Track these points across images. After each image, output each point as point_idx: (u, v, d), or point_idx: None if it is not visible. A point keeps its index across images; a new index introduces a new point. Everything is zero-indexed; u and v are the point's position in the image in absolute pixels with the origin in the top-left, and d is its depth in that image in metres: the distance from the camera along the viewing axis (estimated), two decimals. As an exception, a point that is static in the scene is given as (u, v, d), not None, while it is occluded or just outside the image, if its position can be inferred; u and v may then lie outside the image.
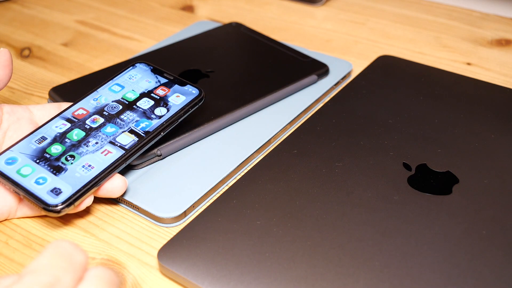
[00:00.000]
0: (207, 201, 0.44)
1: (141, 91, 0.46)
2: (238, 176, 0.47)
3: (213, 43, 0.62)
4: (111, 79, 0.47)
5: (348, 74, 0.59)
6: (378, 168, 0.44)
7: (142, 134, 0.43)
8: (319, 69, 0.57)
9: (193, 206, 0.43)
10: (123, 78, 0.47)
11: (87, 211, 0.44)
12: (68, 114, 0.44)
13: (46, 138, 0.42)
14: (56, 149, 0.42)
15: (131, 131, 0.43)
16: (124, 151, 0.42)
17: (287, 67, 0.57)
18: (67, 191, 0.39)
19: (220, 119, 0.50)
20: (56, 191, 0.39)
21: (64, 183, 0.40)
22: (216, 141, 0.49)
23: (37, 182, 0.39)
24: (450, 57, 0.63)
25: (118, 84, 0.47)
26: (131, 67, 0.48)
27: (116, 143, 0.42)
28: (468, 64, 0.62)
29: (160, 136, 0.44)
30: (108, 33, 0.69)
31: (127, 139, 0.43)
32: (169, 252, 0.38)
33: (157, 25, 0.71)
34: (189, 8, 0.75)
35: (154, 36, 0.68)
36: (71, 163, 0.41)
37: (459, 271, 0.36)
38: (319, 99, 0.55)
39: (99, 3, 0.77)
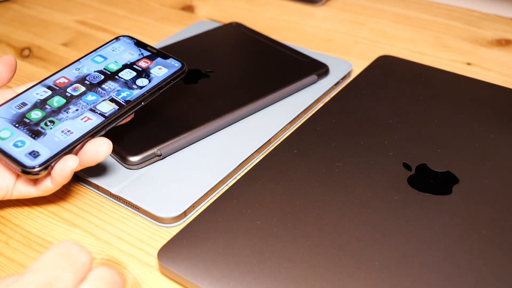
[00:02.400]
0: (207, 201, 0.44)
1: (123, 62, 0.46)
2: (238, 176, 0.47)
3: (213, 43, 0.62)
4: (94, 50, 0.47)
5: (348, 74, 0.59)
6: (378, 168, 0.44)
7: (123, 103, 0.43)
8: (319, 69, 0.57)
9: (193, 206, 0.43)
10: (106, 50, 0.47)
11: (87, 211, 0.44)
12: (49, 82, 0.44)
13: (27, 104, 0.42)
14: (36, 114, 0.42)
15: (112, 100, 0.43)
16: (104, 118, 0.42)
17: (287, 67, 0.57)
18: (45, 154, 0.39)
19: (220, 119, 0.50)
20: (34, 154, 0.39)
21: (43, 146, 0.40)
22: (216, 141, 0.49)
23: (15, 145, 0.40)
24: (450, 57, 0.63)
25: (101, 56, 0.47)
26: (114, 40, 0.48)
27: (97, 111, 0.42)
28: (468, 64, 0.62)
29: (140, 106, 0.44)
30: (108, 33, 0.69)
31: (108, 107, 0.43)
32: (169, 252, 0.38)
33: (157, 25, 0.71)
34: (189, 8, 0.75)
35: (154, 36, 0.68)
36: (50, 128, 0.41)
37: (459, 271, 0.36)
38: (319, 99, 0.55)
39: (99, 3, 0.77)
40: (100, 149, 0.40)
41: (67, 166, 0.39)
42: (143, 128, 0.48)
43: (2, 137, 0.40)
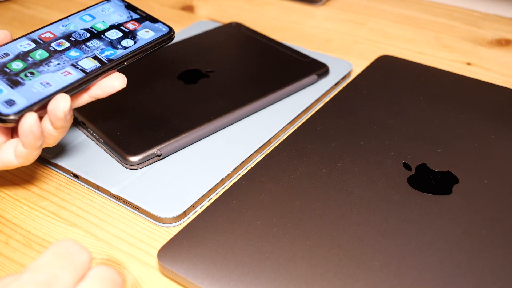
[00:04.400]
0: (207, 201, 0.44)
1: (111, 23, 0.46)
2: (238, 176, 0.47)
3: (213, 43, 0.62)
4: (84, 9, 0.47)
5: (348, 74, 0.59)
6: (378, 168, 0.44)
7: (105, 61, 0.43)
8: (319, 69, 0.57)
9: (193, 206, 0.43)
10: (96, 9, 0.47)
11: (87, 211, 0.44)
12: (34, 35, 0.44)
13: (9, 55, 0.42)
14: (17, 65, 0.42)
15: (95, 57, 0.43)
16: (85, 74, 0.42)
17: (287, 67, 0.57)
18: (21, 103, 0.39)
19: (220, 119, 0.50)
20: (10, 102, 0.39)
21: (20, 96, 0.40)
22: (216, 141, 0.49)
23: None
24: (450, 57, 0.63)
25: (89, 15, 0.47)
26: (105, 1, 0.48)
27: (78, 66, 0.42)
28: (468, 64, 0.62)
29: (123, 66, 0.44)
30: (108, 33, 0.69)
31: (89, 64, 0.43)
32: (169, 252, 0.38)
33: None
34: (189, 8, 0.75)
35: (154, 36, 0.68)
36: (30, 79, 0.41)
37: (459, 271, 0.36)
38: (319, 99, 0.55)
39: (99, 3, 0.77)
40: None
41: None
42: (143, 128, 0.48)
43: None
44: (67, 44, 0.44)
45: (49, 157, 0.47)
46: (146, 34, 0.45)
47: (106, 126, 0.48)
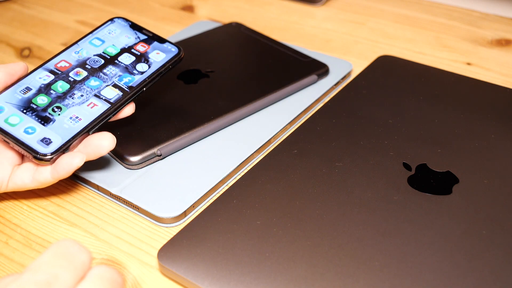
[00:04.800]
0: (207, 201, 0.44)
1: (121, 46, 0.47)
2: (238, 176, 0.47)
3: (213, 43, 0.62)
4: (90, 33, 0.47)
5: (348, 74, 0.59)
6: (378, 168, 0.44)
7: (126, 89, 0.44)
8: (319, 69, 0.57)
9: (193, 206, 0.43)
10: (102, 32, 0.48)
11: (87, 211, 0.44)
12: (50, 65, 0.44)
13: (31, 89, 0.43)
14: (42, 100, 0.42)
15: (115, 86, 0.44)
16: (110, 105, 0.43)
17: (287, 67, 0.57)
18: (57, 141, 0.40)
19: (220, 119, 0.50)
20: (46, 141, 0.40)
21: (53, 133, 0.40)
22: (216, 141, 0.49)
23: (26, 132, 0.40)
24: (450, 57, 0.63)
25: (98, 38, 0.47)
26: (109, 22, 0.48)
27: (101, 97, 0.43)
28: (468, 64, 0.62)
29: (142, 91, 0.44)
30: (108, 33, 0.69)
31: (112, 93, 0.43)
32: (169, 252, 0.38)
33: (157, 25, 0.71)
34: (189, 8, 0.75)
35: (154, 36, 0.68)
36: (59, 114, 0.41)
37: (459, 271, 0.36)
38: (319, 99, 0.55)
39: (99, 3, 0.77)
40: (103, 143, 0.40)
41: (74, 163, 0.39)
42: (143, 128, 0.48)
43: (12, 123, 0.40)
44: (85, 73, 0.44)
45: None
46: (157, 57, 0.46)
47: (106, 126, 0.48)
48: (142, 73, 0.45)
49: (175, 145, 0.47)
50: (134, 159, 0.45)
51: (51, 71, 0.44)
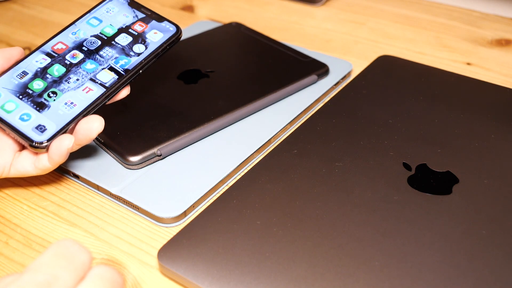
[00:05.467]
0: (207, 201, 0.44)
1: (119, 26, 0.46)
2: (238, 176, 0.47)
3: (213, 43, 0.62)
4: (88, 12, 0.47)
5: (348, 74, 0.59)
6: (378, 168, 0.44)
7: (122, 72, 0.44)
8: (319, 69, 0.57)
9: (193, 206, 0.43)
10: (100, 11, 0.47)
11: (87, 211, 0.44)
12: (47, 48, 0.44)
13: (27, 73, 0.43)
14: (38, 84, 0.42)
15: (111, 69, 0.44)
16: (105, 89, 0.43)
17: (287, 67, 0.57)
18: (52, 129, 0.40)
19: (220, 119, 0.50)
20: (41, 128, 0.40)
21: (48, 120, 0.40)
22: (216, 141, 0.49)
23: (21, 119, 0.40)
24: (450, 57, 0.63)
25: (96, 18, 0.47)
26: (108, 0, 0.48)
27: (97, 81, 0.43)
28: (468, 64, 0.62)
29: (138, 74, 0.44)
30: (108, 33, 0.69)
31: (108, 77, 0.43)
32: (169, 252, 0.38)
33: (157, 25, 0.71)
34: (189, 8, 0.75)
35: (154, 36, 0.68)
36: (54, 100, 0.41)
37: (459, 271, 0.36)
38: (319, 99, 0.55)
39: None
40: (92, 126, 0.41)
41: (63, 145, 0.40)
42: (143, 128, 0.48)
43: (7, 110, 0.41)
44: (81, 55, 0.44)
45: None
46: (155, 37, 0.46)
47: (106, 126, 0.48)
48: (138, 54, 0.45)
49: (175, 145, 0.47)
50: (134, 159, 0.45)
51: (48, 54, 0.44)
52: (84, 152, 0.48)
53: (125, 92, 0.44)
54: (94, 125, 0.41)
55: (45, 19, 0.73)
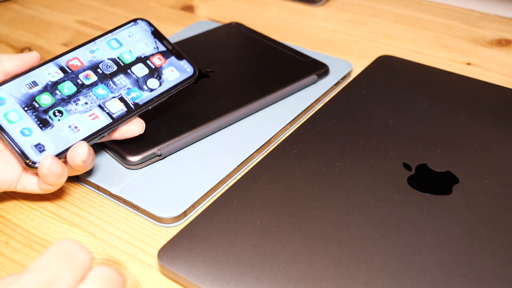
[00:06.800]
0: (207, 201, 0.44)
1: (138, 54, 0.46)
2: (238, 176, 0.47)
3: (213, 43, 0.62)
4: (111, 31, 0.46)
5: (348, 74, 0.59)
6: (378, 168, 0.44)
7: (131, 106, 0.43)
8: (319, 69, 0.57)
9: (193, 206, 0.43)
10: (122, 34, 0.46)
11: (87, 211, 0.44)
12: (62, 61, 0.43)
13: (37, 85, 0.42)
14: (46, 99, 0.41)
15: (121, 99, 0.43)
16: (112, 120, 0.42)
17: (287, 67, 0.57)
18: (51, 150, 0.39)
19: (220, 119, 0.50)
20: (39, 148, 0.39)
21: (49, 140, 0.40)
22: (216, 141, 0.49)
23: (22, 133, 0.39)
24: (450, 57, 0.63)
25: (116, 40, 0.46)
26: (132, 23, 0.47)
27: (105, 109, 0.42)
28: (468, 64, 0.62)
29: (147, 110, 0.44)
30: (108, 33, 0.69)
31: (117, 107, 0.43)
32: (169, 252, 0.38)
33: (157, 25, 0.70)
34: (189, 8, 0.75)
35: (154, 36, 0.68)
36: (58, 120, 0.41)
37: (459, 271, 0.36)
38: (319, 99, 0.55)
39: (99, 3, 0.77)
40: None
41: (52, 170, 0.39)
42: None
43: (10, 119, 0.39)
44: (95, 78, 0.43)
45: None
46: (171, 75, 0.45)
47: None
48: (151, 90, 0.44)
49: (175, 145, 0.47)
50: (134, 159, 0.45)
51: (62, 68, 0.43)
52: (84, 152, 0.48)
53: (137, 128, 0.44)
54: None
55: (45, 19, 0.73)
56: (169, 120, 0.49)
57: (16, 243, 0.41)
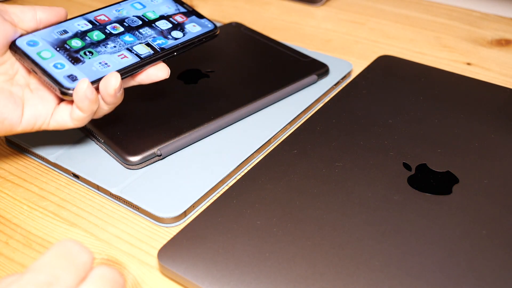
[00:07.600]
0: (207, 201, 0.44)
1: (161, 13, 0.48)
2: (238, 176, 0.47)
3: (213, 43, 0.62)
4: None
5: (348, 74, 0.59)
6: (378, 168, 0.44)
7: (158, 49, 0.45)
8: (319, 69, 0.57)
9: (193, 206, 0.43)
10: None
11: (87, 211, 0.44)
12: (90, 16, 0.46)
13: (68, 32, 0.44)
14: (76, 43, 0.44)
15: (148, 44, 0.45)
16: (139, 59, 0.44)
17: (287, 67, 0.57)
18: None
19: (220, 119, 0.50)
20: (72, 77, 0.41)
21: (81, 72, 0.42)
22: (216, 141, 0.49)
23: (55, 66, 0.42)
24: (450, 57, 0.63)
25: (140, 3, 0.48)
26: None
27: (133, 51, 0.44)
28: (468, 64, 0.62)
29: (172, 55, 0.45)
30: (108, 33, 0.69)
31: (144, 50, 0.45)
32: (169, 252, 0.38)
33: (157, 25, 0.71)
34: (189, 8, 0.75)
35: (154, 36, 0.68)
36: (89, 58, 0.43)
37: (459, 271, 0.36)
38: (319, 99, 0.55)
39: (99, 3, 0.77)
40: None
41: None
42: (143, 128, 0.48)
43: (43, 56, 0.42)
44: (121, 29, 0.46)
45: (50, 157, 0.47)
46: (193, 28, 0.47)
47: (106, 126, 0.48)
48: (176, 39, 0.46)
49: (175, 145, 0.47)
50: (134, 159, 0.45)
51: (90, 21, 0.46)
52: (84, 152, 0.48)
53: (162, 73, 0.45)
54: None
55: (45, 19, 0.73)
56: (169, 120, 0.49)
57: (16, 243, 0.41)
